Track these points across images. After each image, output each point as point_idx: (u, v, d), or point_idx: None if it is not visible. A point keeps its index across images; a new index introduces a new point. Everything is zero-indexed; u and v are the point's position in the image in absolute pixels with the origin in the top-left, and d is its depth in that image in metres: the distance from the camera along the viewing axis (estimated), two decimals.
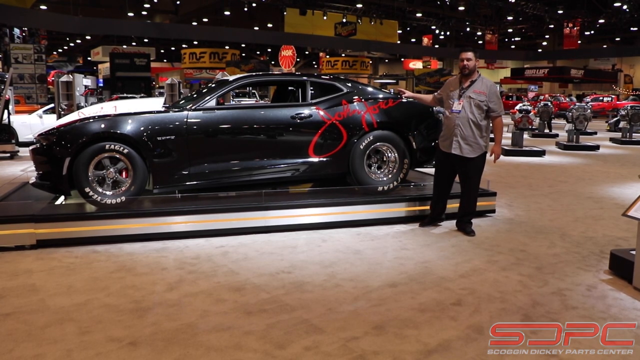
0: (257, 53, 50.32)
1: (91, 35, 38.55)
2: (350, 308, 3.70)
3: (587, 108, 15.69)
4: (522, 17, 37.62)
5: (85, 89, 15.47)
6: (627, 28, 38.96)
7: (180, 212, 5.34)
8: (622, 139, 17.61)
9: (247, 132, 5.75)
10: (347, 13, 34.35)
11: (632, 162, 12.41)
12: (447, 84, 5.68)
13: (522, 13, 35.80)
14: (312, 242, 5.27)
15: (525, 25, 41.11)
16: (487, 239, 5.46)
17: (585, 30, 39.78)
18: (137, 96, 18.58)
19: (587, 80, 45.94)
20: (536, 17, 37.23)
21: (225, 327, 3.37)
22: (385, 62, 58.15)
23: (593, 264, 4.73)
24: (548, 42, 46.13)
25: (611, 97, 38.42)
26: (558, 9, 35.87)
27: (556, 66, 44.09)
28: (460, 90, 5.48)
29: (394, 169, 6.18)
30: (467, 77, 5.50)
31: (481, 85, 5.45)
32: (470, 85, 5.44)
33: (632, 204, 4.21)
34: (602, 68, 47.25)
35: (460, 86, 5.51)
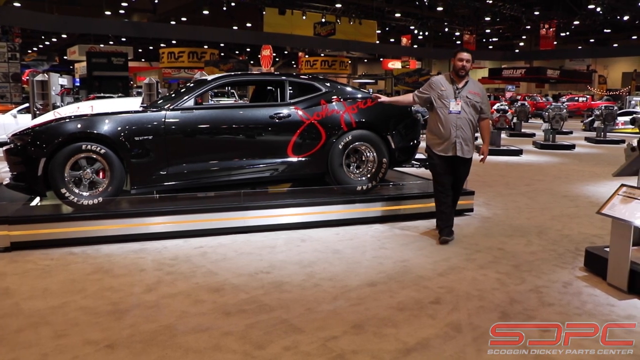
0: (236, 53, 50.09)
1: (67, 33, 38.03)
2: (329, 307, 3.70)
3: (563, 108, 15.90)
4: (499, 18, 37.98)
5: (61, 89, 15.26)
6: (600, 30, 39.58)
7: (158, 212, 5.30)
8: (596, 138, 17.89)
9: (226, 132, 5.73)
10: (326, 13, 34.35)
11: (606, 161, 12.59)
12: (435, 83, 5.40)
13: (499, 14, 36.12)
14: (291, 241, 5.27)
15: (502, 26, 41.53)
16: (465, 238, 5.51)
17: (561, 32, 40.30)
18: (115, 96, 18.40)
19: (563, 80, 46.54)
20: (513, 18, 37.61)
21: (204, 328, 3.36)
22: (364, 62, 58.29)
23: (569, 261, 4.79)
24: (525, 42, 46.63)
25: (586, 97, 38.97)
26: (534, 10, 36.28)
27: (533, 66, 44.57)
28: (456, 90, 5.29)
29: (372, 169, 6.20)
30: (462, 78, 5.33)
31: (474, 87, 5.38)
32: (464, 86, 5.31)
33: (606, 202, 4.27)
34: (577, 69, 47.90)
35: (453, 86, 5.31)
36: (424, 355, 3.07)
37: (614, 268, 4.16)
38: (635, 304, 3.85)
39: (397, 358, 3.03)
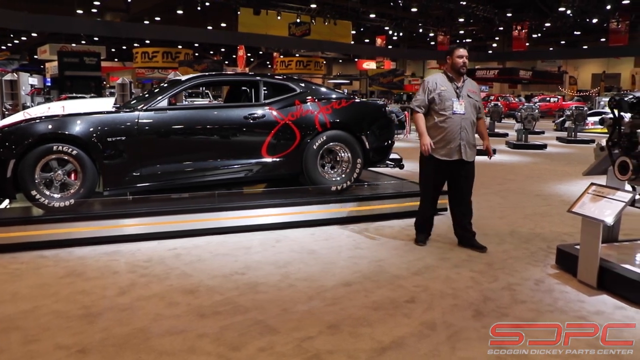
0: (210, 53, 49.78)
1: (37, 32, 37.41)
2: (305, 308, 3.70)
3: (535, 108, 16.14)
4: (472, 19, 38.36)
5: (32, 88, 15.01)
6: (571, 32, 40.21)
7: (131, 214, 5.24)
8: (567, 138, 18.19)
9: (200, 132, 5.70)
10: (301, 13, 34.34)
11: (577, 160, 12.81)
12: (432, 83, 5.06)
13: (472, 15, 36.50)
14: (267, 242, 5.26)
15: (476, 27, 41.95)
16: (439, 237, 5.55)
17: (533, 33, 40.87)
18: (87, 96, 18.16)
19: (535, 81, 47.19)
20: (486, 20, 38.02)
21: (179, 331, 3.33)
22: (339, 62, 58.39)
23: (541, 259, 4.86)
24: (498, 43, 47.19)
25: (557, 97, 39.57)
26: (507, 12, 36.75)
27: (506, 67, 45.14)
28: (456, 89, 5.01)
29: (347, 169, 6.22)
30: (460, 76, 5.07)
31: (472, 85, 5.15)
32: (464, 85, 5.06)
33: (577, 201, 4.35)
34: (549, 69, 48.61)
35: (453, 85, 5.03)
36: (399, 353, 3.09)
37: (584, 265, 4.23)
38: (604, 300, 3.92)
39: (372, 357, 3.05)
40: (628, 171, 4.07)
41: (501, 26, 39.66)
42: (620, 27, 34.43)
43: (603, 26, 35.90)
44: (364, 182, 6.79)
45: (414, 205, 6.30)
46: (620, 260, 4.29)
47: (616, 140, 4.20)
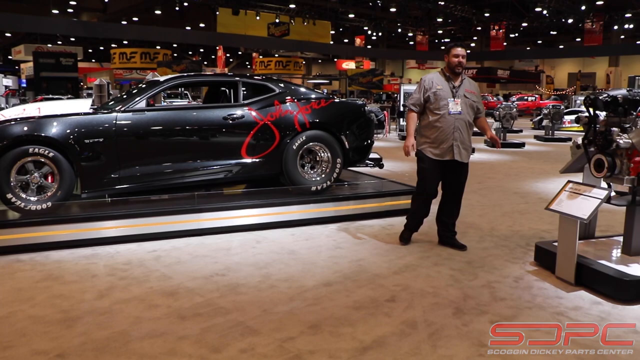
0: (189, 53, 49.52)
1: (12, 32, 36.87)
2: (286, 308, 3.70)
3: (513, 107, 16.30)
4: (451, 19, 38.68)
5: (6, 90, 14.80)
6: (547, 32, 40.75)
7: (110, 216, 5.18)
8: (545, 136, 18.39)
9: (179, 133, 5.66)
10: (280, 13, 34.31)
11: (554, 158, 12.96)
12: (429, 82, 4.98)
13: (451, 15, 36.78)
14: (247, 243, 5.24)
15: (454, 27, 42.29)
16: (419, 236, 5.57)
17: (510, 33, 41.32)
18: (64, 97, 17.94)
19: (513, 80, 47.77)
20: (464, 20, 38.34)
21: (159, 333, 3.30)
22: (318, 62, 58.44)
23: (520, 257, 4.91)
24: (476, 43, 47.58)
25: (535, 96, 40.03)
26: (485, 12, 37.08)
27: (484, 67, 45.59)
28: (453, 89, 4.93)
29: (327, 169, 6.22)
30: (457, 75, 4.98)
31: (470, 85, 5.05)
32: (461, 85, 4.97)
33: (554, 198, 4.40)
34: (526, 69, 49.21)
35: (450, 84, 4.94)
36: (380, 352, 3.10)
37: (562, 262, 4.29)
38: (582, 296, 3.98)
39: (354, 357, 3.05)
40: (603, 168, 4.13)
41: (479, 26, 40.05)
42: (594, 28, 34.95)
43: (578, 26, 36.42)
44: (344, 181, 6.80)
45: (394, 204, 6.37)
46: (597, 256, 4.35)
47: (592, 139, 4.26)
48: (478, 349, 3.15)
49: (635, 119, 4.10)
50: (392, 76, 49.28)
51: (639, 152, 4.00)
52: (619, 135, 4.06)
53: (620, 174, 4.11)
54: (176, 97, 23.97)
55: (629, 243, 4.41)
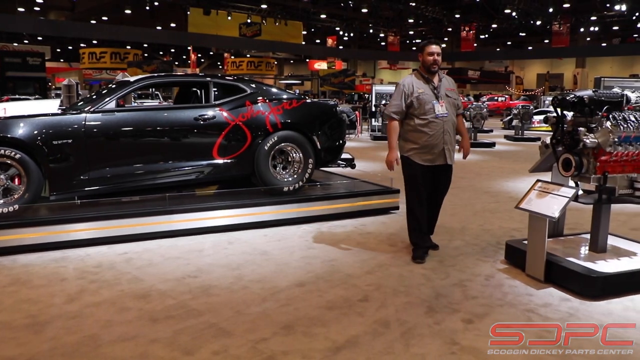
0: (160, 53, 49.02)
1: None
2: (259, 309, 3.69)
3: (483, 107, 16.52)
4: (422, 20, 39.00)
5: None
6: (516, 33, 41.35)
7: (80, 219, 5.11)
8: (515, 136, 18.67)
9: (150, 134, 5.60)
10: (252, 13, 34.20)
11: (524, 157, 13.15)
12: (408, 86, 4.68)
13: (422, 16, 37.10)
14: (219, 244, 5.21)
15: (425, 28, 42.61)
16: (392, 235, 5.61)
17: (480, 34, 41.85)
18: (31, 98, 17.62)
19: (483, 81, 48.41)
20: (435, 21, 38.70)
21: (130, 337, 3.27)
22: (290, 62, 58.38)
23: (490, 255, 4.97)
24: (447, 44, 48.04)
25: (505, 97, 40.59)
26: (455, 13, 37.48)
27: (455, 67, 46.08)
28: (433, 89, 4.69)
29: (299, 169, 6.22)
30: (434, 74, 4.74)
31: (448, 83, 4.83)
32: (440, 84, 4.74)
33: (523, 197, 4.47)
34: (496, 70, 49.88)
35: (429, 85, 4.70)
36: (353, 352, 3.11)
37: (531, 260, 4.35)
38: (551, 292, 4.05)
39: (327, 357, 3.06)
40: (571, 167, 4.21)
41: (450, 27, 40.45)
42: (562, 30, 35.63)
43: (546, 28, 37.04)
44: (316, 182, 6.81)
45: (367, 204, 6.40)
46: (565, 253, 4.43)
47: (559, 138, 4.33)
48: (450, 347, 3.18)
49: (600, 119, 4.18)
50: (364, 76, 49.49)
51: (605, 151, 4.08)
52: (586, 135, 4.13)
53: (587, 172, 4.19)
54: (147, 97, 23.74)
55: (595, 240, 4.51)
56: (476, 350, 3.16)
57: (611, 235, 4.73)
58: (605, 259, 4.31)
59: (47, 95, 24.22)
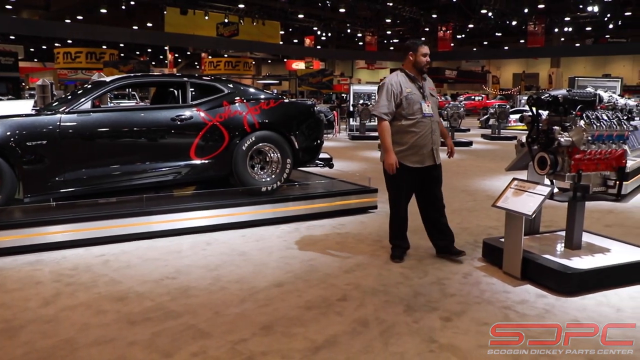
0: (136, 53, 48.55)
1: None
2: (237, 310, 3.68)
3: (460, 106, 16.65)
4: (399, 20, 39.15)
5: None
6: (492, 33, 41.78)
7: (55, 221, 5.04)
8: (492, 135, 18.85)
9: (126, 135, 5.55)
10: (229, 13, 34.00)
11: (500, 156, 13.29)
12: (396, 85, 4.59)
13: (399, 16, 37.23)
14: (197, 245, 5.18)
15: (402, 28, 42.82)
16: (370, 235, 5.63)
17: (457, 34, 42.17)
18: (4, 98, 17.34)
19: (460, 80, 48.82)
20: (412, 21, 38.88)
21: (108, 340, 3.23)
22: (268, 62, 58.25)
23: (468, 253, 5.00)
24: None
25: (482, 96, 40.97)
26: (432, 13, 37.73)
27: (432, 67, 46.20)
28: (420, 89, 4.65)
29: (277, 169, 6.21)
30: (422, 75, 4.73)
31: (430, 83, 4.82)
32: (424, 84, 4.71)
33: (500, 196, 4.52)
34: (473, 69, 50.34)
35: (416, 84, 4.65)
36: (332, 351, 3.12)
37: (508, 257, 4.41)
38: (528, 289, 4.10)
39: (306, 356, 3.06)
40: (546, 166, 4.26)
41: (427, 27, 40.67)
42: (537, 30, 36.06)
43: (522, 28, 37.46)
44: (294, 182, 6.81)
45: (345, 204, 6.41)
46: (541, 251, 4.50)
47: (535, 137, 4.39)
48: (429, 345, 3.21)
49: (574, 118, 4.24)
50: (342, 76, 49.59)
51: (579, 149, 4.15)
52: (560, 134, 4.19)
53: (562, 171, 4.26)
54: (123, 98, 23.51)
55: (570, 237, 4.58)
56: (454, 347, 3.19)
57: (586, 232, 4.81)
58: (580, 256, 4.38)
59: (21, 95, 23.82)
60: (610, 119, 4.31)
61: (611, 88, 9.90)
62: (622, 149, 4.41)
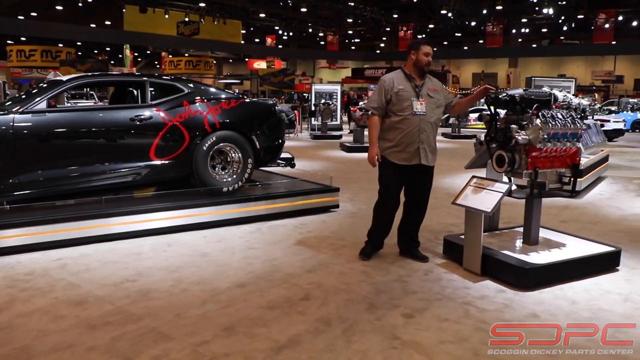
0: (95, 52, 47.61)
1: None
2: (199, 312, 3.64)
3: None
4: (360, 20, 39.38)
5: None
6: (452, 33, 42.40)
7: (9, 224, 4.88)
8: (452, 133, 19.15)
9: (84, 135, 5.44)
10: (190, 12, 33.66)
11: (461, 154, 13.48)
12: (389, 83, 4.62)
13: (360, 16, 37.46)
14: (158, 247, 5.11)
15: (364, 27, 43.11)
16: (332, 233, 5.65)
17: (418, 34, 42.60)
18: None
19: None
20: (374, 20, 39.17)
21: (66, 346, 3.16)
22: (229, 62, 57.86)
23: (430, 250, 5.07)
24: (385, 44, 48.71)
25: None
26: (393, 14, 38.08)
27: (393, 66, 46.65)
28: (415, 87, 4.61)
29: (238, 169, 6.18)
30: (422, 74, 4.69)
31: (432, 83, 4.73)
32: (424, 84, 4.66)
33: (460, 193, 4.59)
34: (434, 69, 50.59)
35: (412, 83, 4.62)
36: (295, 351, 3.11)
37: (468, 254, 4.48)
38: (488, 285, 4.17)
39: (269, 357, 3.05)
40: (504, 164, 4.35)
41: (388, 27, 41.03)
42: (495, 31, 36.75)
43: (480, 29, 38.12)
44: (255, 182, 6.78)
45: (307, 203, 6.42)
46: (500, 247, 4.58)
47: (493, 135, 4.47)
48: (391, 342, 3.23)
49: (531, 117, 4.33)
50: (303, 76, 49.56)
51: (535, 147, 4.24)
52: (518, 132, 4.28)
53: (519, 168, 4.35)
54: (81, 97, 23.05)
55: (528, 233, 4.68)
56: (417, 344, 3.22)
57: (543, 228, 4.92)
58: (538, 251, 4.48)
59: None
60: (564, 117, 4.42)
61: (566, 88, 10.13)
62: (576, 146, 4.53)
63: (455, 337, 3.33)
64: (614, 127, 18.51)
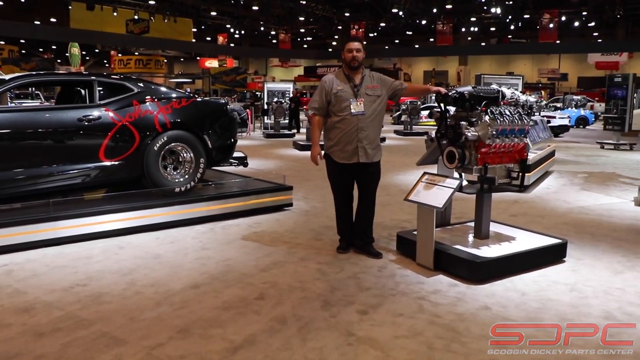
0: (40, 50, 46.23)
1: None
2: (153, 314, 3.58)
3: None
4: (312, 18, 39.49)
5: None
6: (403, 32, 42.94)
7: None
8: (404, 131, 19.39)
9: (30, 136, 5.27)
10: (139, 10, 33.01)
11: (413, 151, 13.65)
12: (329, 84, 4.68)
13: (312, 14, 37.53)
14: (109, 250, 5.00)
15: (316, 26, 43.21)
16: (286, 232, 5.64)
17: (370, 32, 42.98)
18: None
19: None
20: (325, 19, 39.30)
21: (12, 355, 3.05)
22: (180, 61, 57.12)
23: (383, 246, 5.12)
24: (337, 42, 48.93)
25: None
26: (345, 12, 38.29)
27: None
28: (354, 88, 4.66)
29: (190, 169, 6.11)
30: (356, 71, 4.71)
31: (371, 80, 4.74)
32: (362, 82, 4.69)
33: (412, 189, 4.65)
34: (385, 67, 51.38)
35: (350, 83, 4.67)
36: (251, 351, 3.10)
37: (421, 249, 4.54)
38: (441, 279, 4.24)
39: (225, 357, 3.03)
40: (455, 160, 4.43)
41: (340, 25, 41.22)
42: (445, 29, 37.39)
43: (431, 27, 38.72)
44: (208, 181, 6.71)
45: (260, 202, 6.40)
46: (452, 242, 4.67)
47: (444, 132, 4.55)
48: (347, 339, 3.25)
49: (480, 114, 4.43)
50: (255, 74, 49.39)
51: (485, 143, 4.33)
52: (467, 129, 4.36)
53: (469, 164, 4.43)
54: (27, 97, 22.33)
55: (479, 227, 4.78)
56: (372, 340, 3.25)
57: (493, 222, 5.04)
58: (489, 245, 4.59)
59: None
60: (512, 114, 4.53)
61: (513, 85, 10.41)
62: (524, 142, 4.65)
63: (409, 332, 3.37)
64: (560, 124, 19.13)
